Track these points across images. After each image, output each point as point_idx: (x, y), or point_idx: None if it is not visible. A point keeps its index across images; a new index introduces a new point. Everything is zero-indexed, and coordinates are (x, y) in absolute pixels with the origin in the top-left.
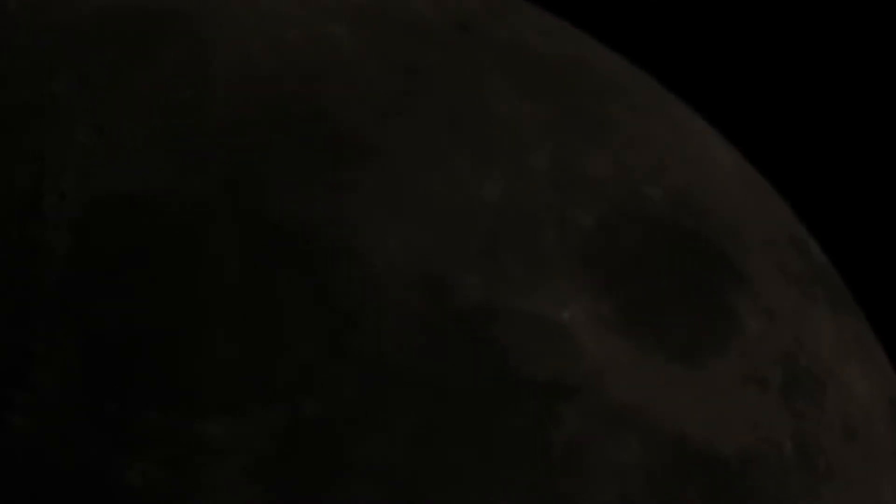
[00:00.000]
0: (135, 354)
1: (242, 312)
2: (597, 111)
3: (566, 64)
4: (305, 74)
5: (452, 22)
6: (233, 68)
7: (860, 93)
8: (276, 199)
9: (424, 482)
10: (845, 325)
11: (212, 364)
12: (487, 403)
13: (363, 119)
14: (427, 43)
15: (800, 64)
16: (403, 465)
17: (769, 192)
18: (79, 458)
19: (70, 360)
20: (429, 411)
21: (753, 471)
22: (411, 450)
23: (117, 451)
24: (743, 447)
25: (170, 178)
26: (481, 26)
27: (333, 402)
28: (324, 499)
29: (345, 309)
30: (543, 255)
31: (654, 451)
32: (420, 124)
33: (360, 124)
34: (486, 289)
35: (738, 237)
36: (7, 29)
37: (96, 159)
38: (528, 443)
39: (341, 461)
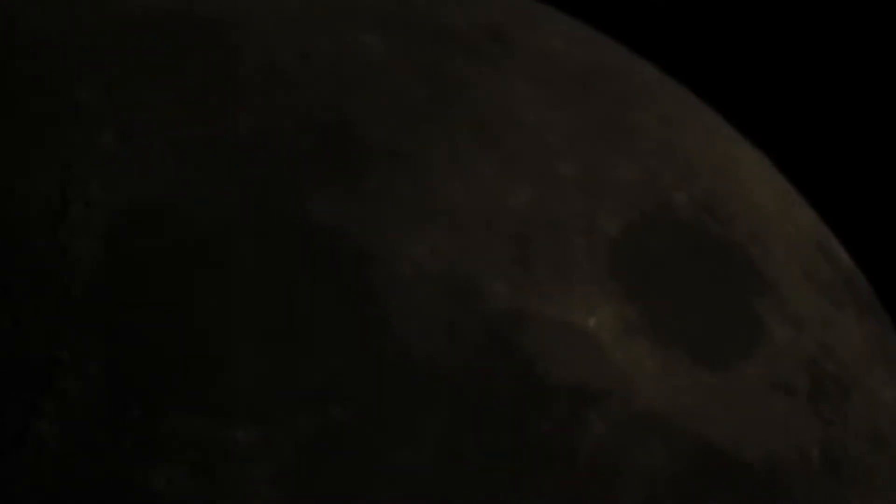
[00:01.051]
0: (161, 361)
1: (270, 319)
2: (625, 118)
3: (594, 71)
4: (334, 82)
5: (481, 29)
6: (260, 75)
7: (888, 100)
8: (304, 206)
9: (451, 489)
10: (872, 332)
11: (238, 371)
12: (514, 409)
13: (391, 126)
14: (456, 50)
15: (828, 71)
16: (430, 472)
17: (796, 199)
18: (104, 463)
19: (96, 367)
20: (456, 418)
21: (780, 477)
22: (438, 456)
23: (143, 457)
24: (769, 454)
25: (197, 186)
26: (510, 34)
27: (361, 409)
28: None
29: (372, 315)
30: (570, 262)
31: (681, 457)
32: (448, 131)
33: (388, 131)
34: (513, 295)
35: (764, 243)
36: (32, 36)
37: (122, 167)
38: (555, 449)
39: (368, 468)
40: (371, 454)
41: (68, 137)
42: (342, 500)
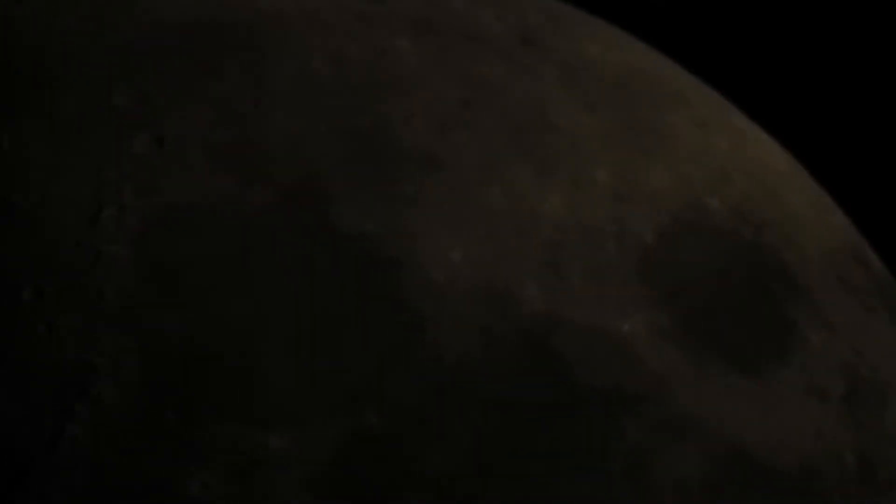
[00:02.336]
0: (196, 366)
1: (304, 324)
2: (658, 123)
3: (628, 76)
4: (367, 87)
5: (515, 34)
6: (294, 81)
7: None
8: (338, 211)
9: (485, 494)
10: None
11: (273, 376)
12: (549, 415)
13: (425, 131)
14: (489, 55)
15: (863, 77)
16: (464, 477)
17: (830, 204)
18: (140, 468)
19: (131, 372)
20: (490, 423)
21: (815, 482)
22: (472, 462)
23: (178, 462)
24: (804, 459)
25: (230, 190)
26: (543, 38)
27: (395, 415)
28: None
29: (406, 321)
30: (604, 267)
31: (715, 462)
32: (481, 136)
33: (421, 136)
34: (547, 300)
35: (798, 249)
36: (67, 42)
37: (156, 171)
38: (590, 454)
39: (402, 474)
40: (404, 459)
41: (102, 142)
42: None
